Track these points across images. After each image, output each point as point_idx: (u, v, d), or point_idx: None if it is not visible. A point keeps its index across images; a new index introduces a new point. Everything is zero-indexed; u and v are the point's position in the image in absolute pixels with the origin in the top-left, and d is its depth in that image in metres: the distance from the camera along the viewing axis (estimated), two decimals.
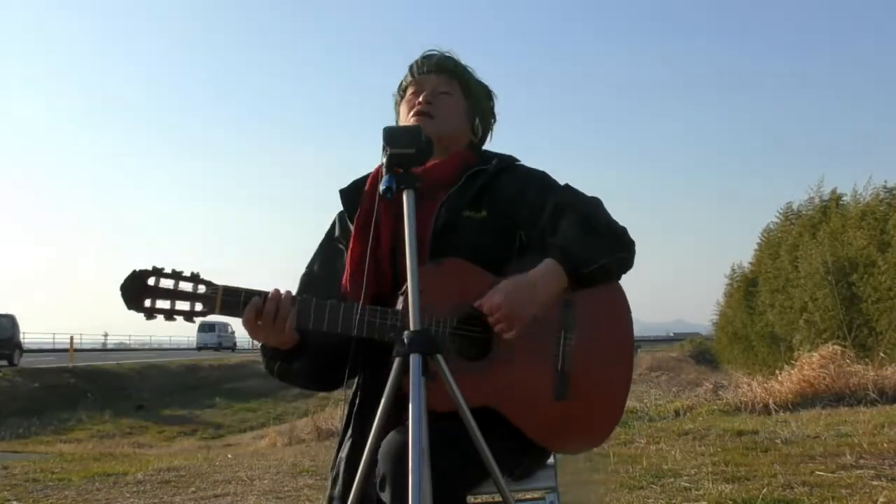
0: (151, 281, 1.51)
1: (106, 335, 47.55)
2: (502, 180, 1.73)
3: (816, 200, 14.24)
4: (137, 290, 1.50)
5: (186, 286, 1.52)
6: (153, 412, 20.06)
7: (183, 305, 1.51)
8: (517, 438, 1.58)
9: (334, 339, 1.59)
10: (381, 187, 1.42)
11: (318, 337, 1.59)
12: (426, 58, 1.80)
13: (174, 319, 1.51)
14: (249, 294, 1.52)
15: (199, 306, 1.51)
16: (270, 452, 8.39)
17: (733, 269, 19.80)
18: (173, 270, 1.51)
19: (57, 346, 38.23)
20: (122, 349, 46.92)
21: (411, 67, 1.81)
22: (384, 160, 1.44)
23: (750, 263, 18.35)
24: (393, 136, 1.46)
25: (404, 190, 1.43)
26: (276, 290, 1.54)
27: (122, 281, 1.50)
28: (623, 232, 1.70)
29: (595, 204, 1.72)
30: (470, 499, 1.60)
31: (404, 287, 1.53)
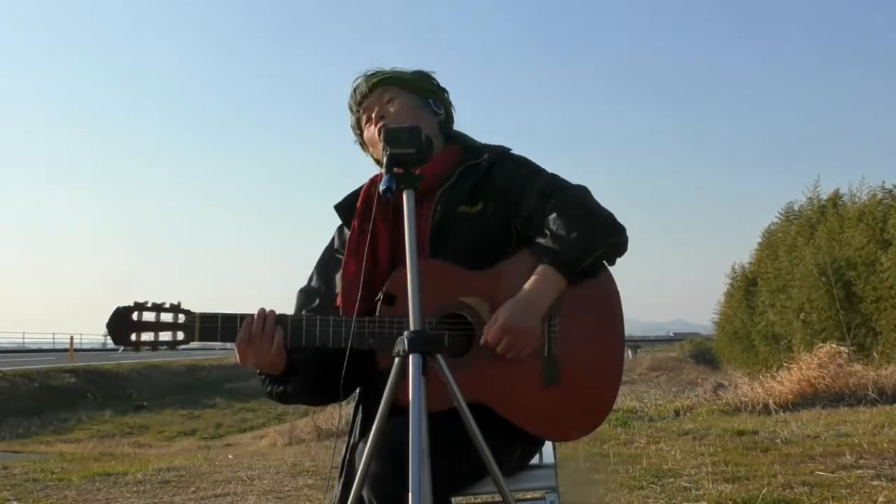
0: (134, 316, 1.59)
1: (106, 335, 47.50)
2: (495, 172, 1.75)
3: (815, 201, 14.25)
4: (122, 327, 1.59)
5: (167, 317, 1.59)
6: (153, 412, 20.05)
7: (165, 336, 1.59)
8: (505, 433, 1.59)
9: (322, 353, 1.62)
10: (381, 187, 1.42)
11: (307, 354, 1.63)
12: (355, 90, 1.85)
13: (159, 350, 1.60)
14: (226, 318, 1.58)
15: (180, 335, 1.59)
16: (270, 452, 8.39)
17: (734, 269, 19.78)
18: (153, 303, 1.59)
19: (57, 346, 38.20)
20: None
21: (350, 106, 1.87)
22: (384, 160, 1.45)
23: (750, 263, 18.34)
24: (393, 136, 1.46)
25: (404, 190, 1.43)
26: (262, 309, 1.59)
27: (107, 319, 1.59)
28: (612, 217, 1.69)
29: (582, 191, 1.73)
30: (470, 499, 1.60)
31: (379, 295, 1.59)
